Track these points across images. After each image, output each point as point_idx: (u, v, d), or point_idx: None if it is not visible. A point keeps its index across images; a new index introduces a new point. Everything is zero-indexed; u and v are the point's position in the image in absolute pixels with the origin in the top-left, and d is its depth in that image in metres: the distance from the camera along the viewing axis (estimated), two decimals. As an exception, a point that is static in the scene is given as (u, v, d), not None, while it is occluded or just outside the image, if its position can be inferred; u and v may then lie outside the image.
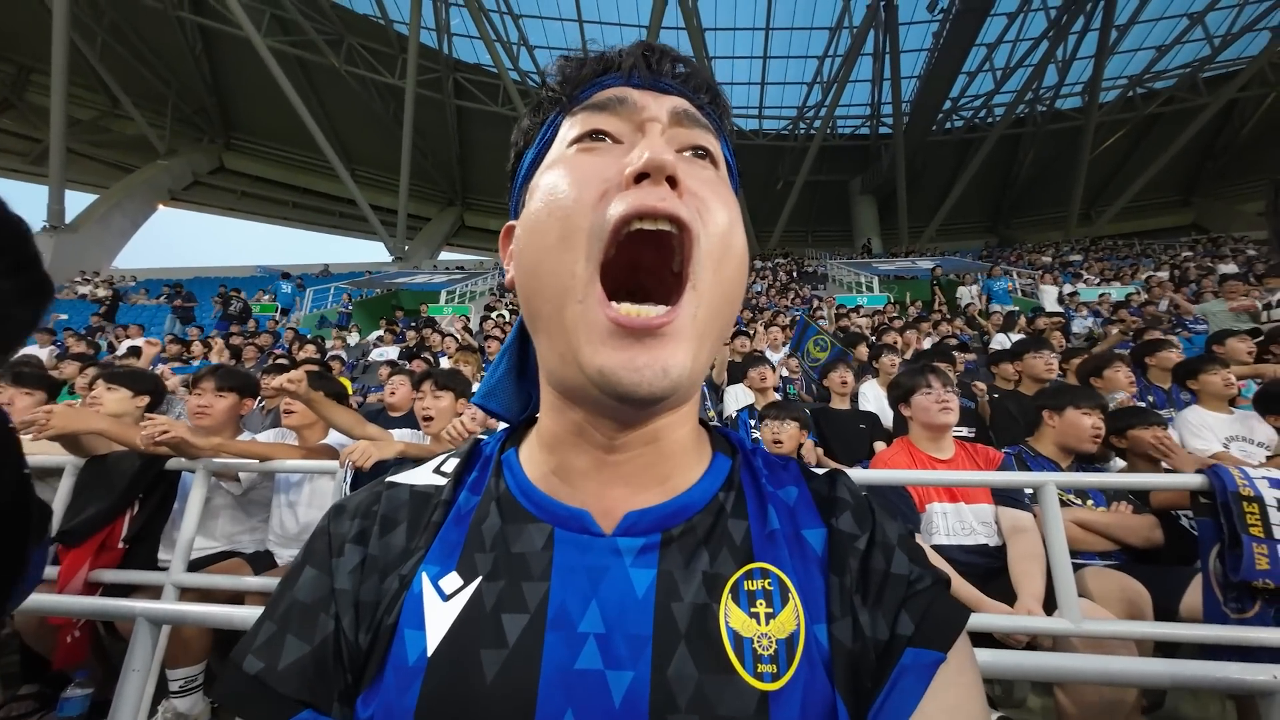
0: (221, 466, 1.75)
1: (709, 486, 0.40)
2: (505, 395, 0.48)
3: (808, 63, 22.59)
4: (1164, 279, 11.16)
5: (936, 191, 24.73)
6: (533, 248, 0.35)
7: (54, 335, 8.31)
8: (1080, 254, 17.73)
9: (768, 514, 0.39)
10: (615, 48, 0.40)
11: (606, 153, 0.36)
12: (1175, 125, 21.32)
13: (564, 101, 0.39)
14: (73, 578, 1.59)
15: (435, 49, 21.77)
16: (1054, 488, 1.33)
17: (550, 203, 0.35)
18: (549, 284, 0.34)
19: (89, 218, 20.50)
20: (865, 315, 8.56)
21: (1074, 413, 2.05)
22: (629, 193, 0.33)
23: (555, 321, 0.34)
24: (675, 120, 0.38)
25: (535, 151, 0.41)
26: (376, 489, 0.43)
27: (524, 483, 0.40)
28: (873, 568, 0.38)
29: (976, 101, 23.30)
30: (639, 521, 0.37)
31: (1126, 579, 1.52)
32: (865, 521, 0.40)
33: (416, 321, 10.24)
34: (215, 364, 2.37)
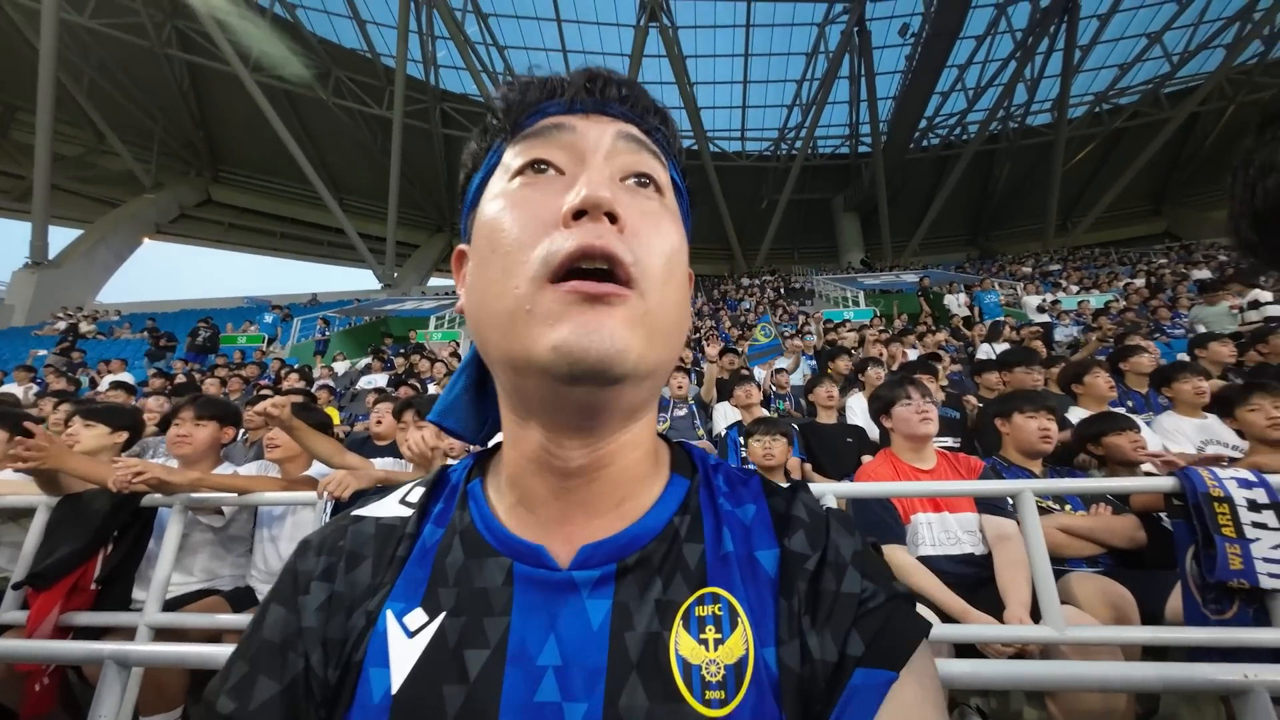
0: (199, 501, 1.72)
1: (663, 512, 0.40)
2: (462, 412, 0.48)
3: (787, 86, 23.26)
4: (1140, 286, 11.45)
5: (917, 207, 25.30)
6: (480, 282, 0.36)
7: (33, 372, 8.16)
8: (1059, 264, 18.16)
9: (722, 536, 0.39)
10: (559, 74, 0.40)
11: (548, 185, 0.36)
12: (1141, 138, 22.13)
13: (505, 130, 0.40)
14: (42, 621, 1.54)
15: (422, 80, 22.15)
16: (1031, 494, 1.34)
17: (493, 240, 0.35)
18: (496, 309, 0.34)
19: (73, 253, 20.37)
20: (851, 329, 8.64)
21: (1019, 417, 2.09)
22: (569, 232, 0.33)
23: (506, 334, 0.34)
24: (619, 146, 0.37)
25: (481, 176, 0.41)
26: (342, 523, 0.43)
27: (487, 515, 0.40)
28: (823, 589, 0.37)
29: (951, 120, 24.04)
30: (595, 554, 0.37)
31: (1110, 584, 1.53)
32: (819, 540, 0.39)
33: (405, 348, 10.20)
34: (194, 394, 2.34)
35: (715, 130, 25.05)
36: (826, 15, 19.37)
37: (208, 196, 25.89)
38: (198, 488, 1.70)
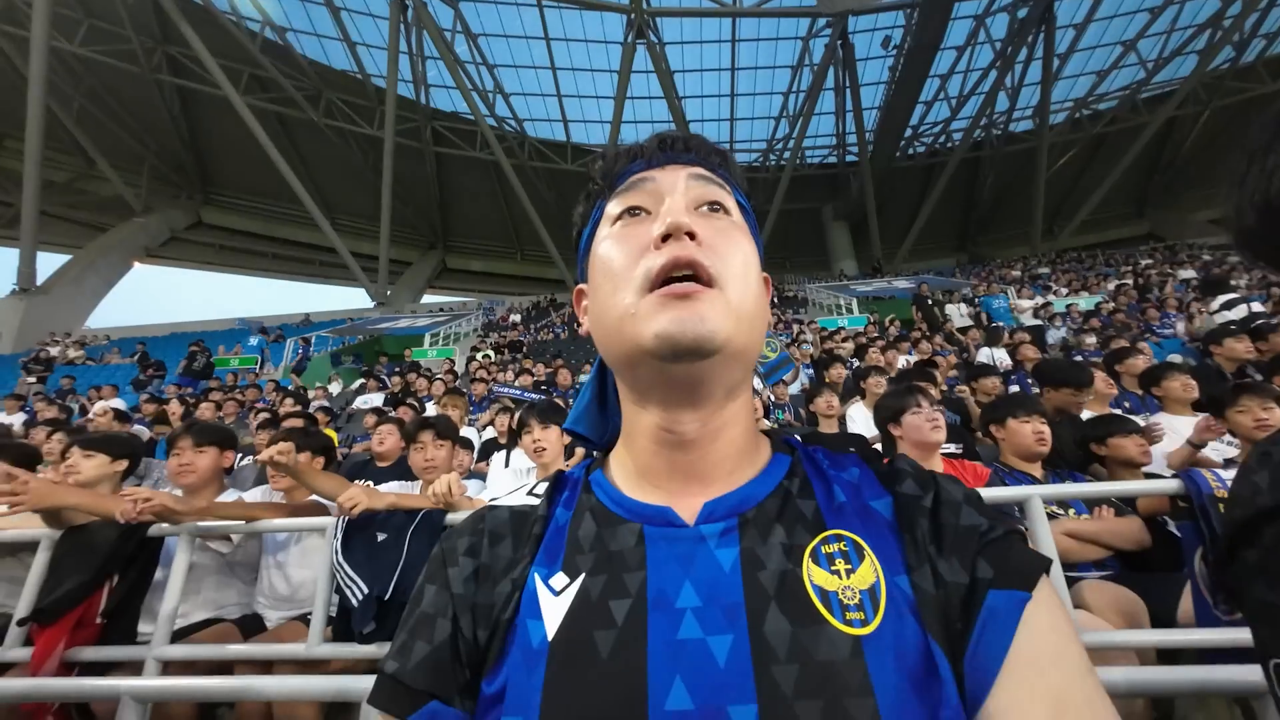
0: (207, 530, 1.70)
1: (773, 476, 0.46)
2: (591, 420, 0.57)
3: (774, 98, 23.60)
4: (1129, 287, 11.61)
5: (906, 214, 25.63)
6: (597, 303, 0.46)
7: (23, 401, 8.05)
8: (1047, 267, 18.40)
9: (833, 491, 0.45)
10: (638, 143, 0.51)
11: (640, 224, 0.46)
12: (1121, 143, 22.62)
13: (604, 190, 0.50)
14: (48, 658, 1.51)
15: (413, 100, 22.32)
16: (1039, 500, 1.36)
17: (602, 270, 0.45)
18: (610, 319, 0.43)
19: (61, 279, 20.20)
20: (847, 338, 8.70)
21: (1014, 423, 2.12)
22: (659, 251, 0.42)
23: (620, 336, 0.42)
24: (690, 183, 0.47)
25: (589, 230, 0.51)
26: (479, 512, 0.51)
27: (613, 492, 0.47)
28: (944, 522, 0.41)
29: (935, 128, 24.48)
30: (716, 509, 0.43)
31: (1122, 590, 1.53)
32: (928, 483, 0.44)
33: (400, 367, 10.15)
34: (189, 421, 2.32)
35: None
36: (810, 29, 19.73)
37: (198, 219, 25.81)
38: (205, 516, 1.68)
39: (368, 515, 1.60)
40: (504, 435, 4.30)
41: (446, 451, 2.09)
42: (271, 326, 17.85)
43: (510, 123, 23.92)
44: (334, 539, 1.58)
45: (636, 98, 21.88)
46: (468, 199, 26.92)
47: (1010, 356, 6.14)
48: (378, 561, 1.49)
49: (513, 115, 23.69)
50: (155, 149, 22.83)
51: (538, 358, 11.42)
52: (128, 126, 21.47)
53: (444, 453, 2.09)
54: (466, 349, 13.42)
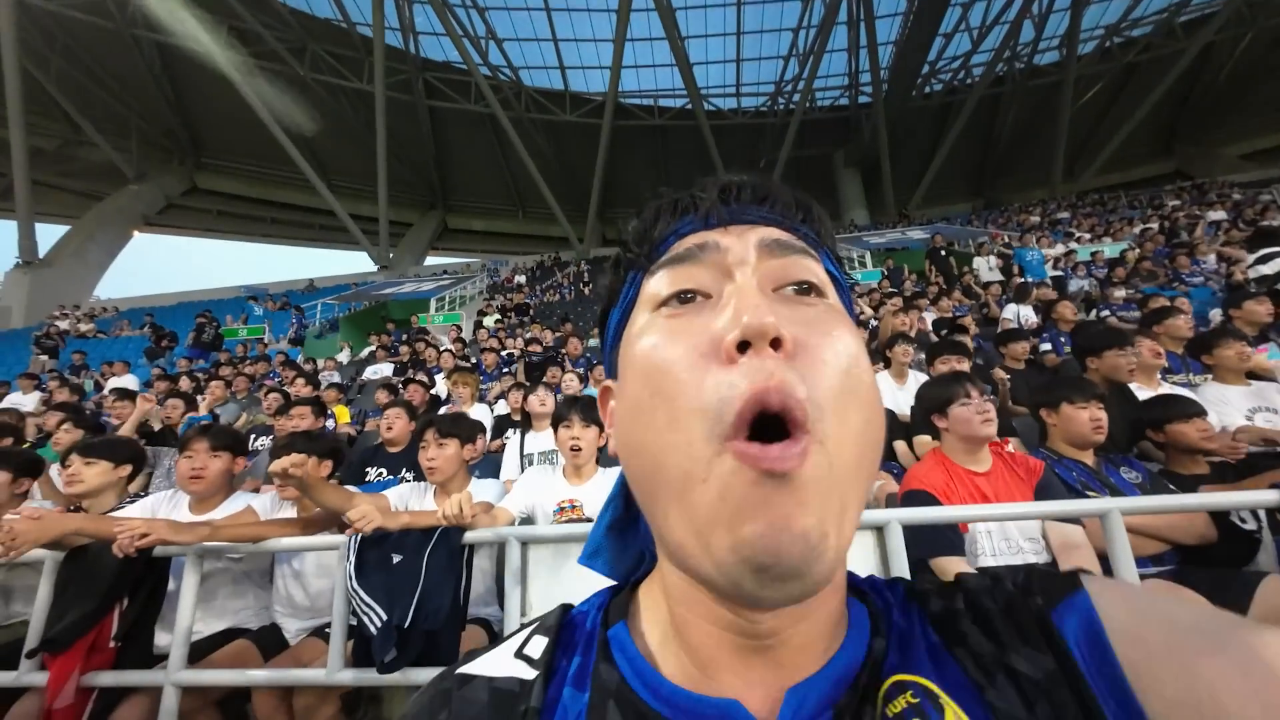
0: (214, 550, 1.63)
1: (860, 639, 0.33)
2: (610, 554, 0.43)
3: (783, 36, 22.22)
4: (1155, 232, 11.10)
5: (920, 158, 24.56)
6: (639, 429, 0.31)
7: (37, 380, 8.07)
8: (1067, 211, 17.67)
9: (902, 638, 0.34)
10: (687, 191, 0.37)
11: (698, 312, 0.32)
12: (1154, 73, 21.22)
13: (642, 259, 0.36)
14: (63, 684, 1.47)
15: (402, 49, 21.23)
16: (1119, 514, 1.23)
17: (650, 383, 0.31)
18: (670, 467, 0.29)
19: (62, 250, 20.06)
20: (860, 295, 8.41)
21: (1069, 409, 1.96)
22: (737, 372, 0.28)
23: (677, 504, 0.28)
24: (765, 253, 0.33)
25: (621, 311, 0.38)
26: (443, 686, 0.35)
27: (645, 672, 0.32)
28: (987, 611, 0.33)
29: (955, 63, 23.05)
30: (805, 699, 0.30)
31: (1189, 594, 1.43)
32: (953, 595, 0.35)
33: (409, 334, 10.05)
34: (206, 422, 2.24)
35: (709, 87, 24.11)
36: (823, -44, 18.35)
37: (193, 184, 25.28)
38: (209, 540, 1.60)
39: (381, 535, 1.51)
40: (517, 411, 4.21)
41: (452, 449, 2.00)
42: (277, 293, 17.71)
43: (505, 71, 22.79)
44: (347, 560, 1.49)
45: (637, 39, 20.68)
46: (466, 155, 26.08)
47: (1037, 314, 5.91)
48: (395, 586, 1.41)
49: (507, 63, 22.53)
50: (140, 111, 22.06)
51: (544, 321, 11.28)
52: (109, 88, 20.67)
53: (448, 451, 1.99)
54: (473, 312, 13.29)
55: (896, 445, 2.95)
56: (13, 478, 2.10)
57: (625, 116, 23.78)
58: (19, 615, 1.98)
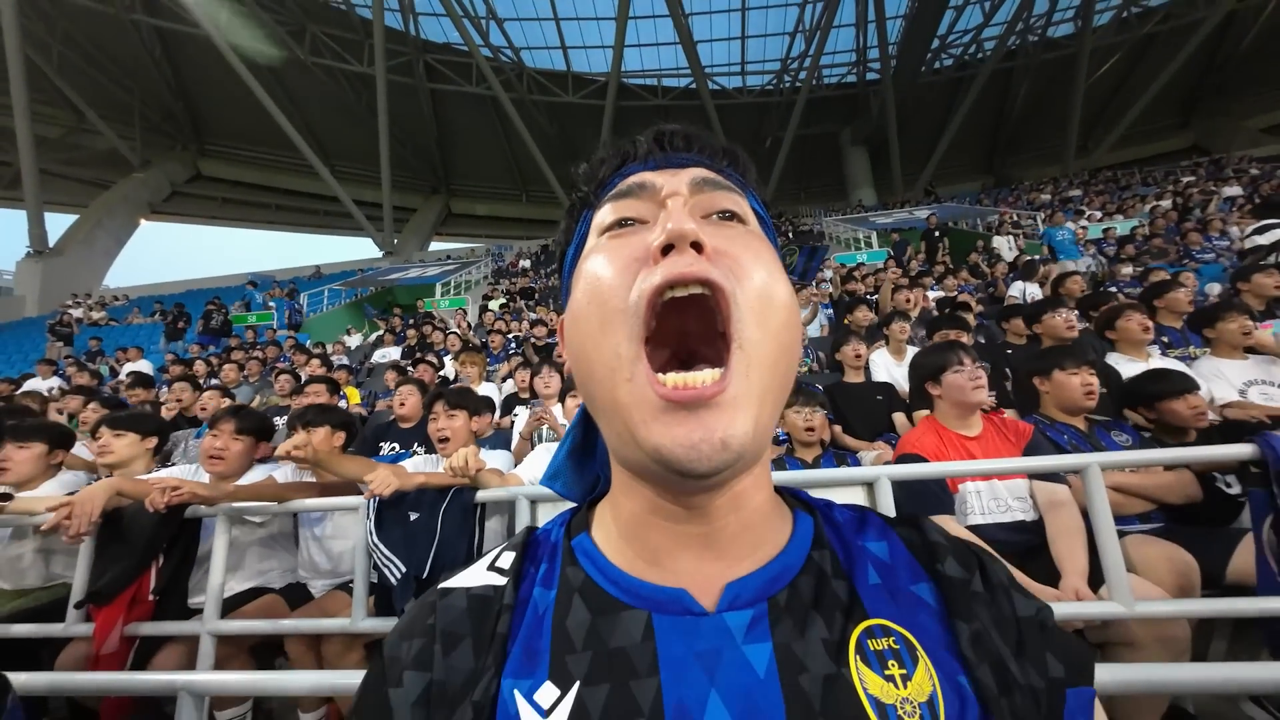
0: (241, 511, 1.73)
1: (801, 546, 0.37)
2: (568, 475, 0.48)
3: (789, 11, 21.74)
4: (1168, 208, 10.91)
5: (929, 136, 24.10)
6: (579, 335, 0.35)
7: (54, 365, 8.25)
8: (1080, 188, 17.36)
9: (866, 570, 0.37)
10: (628, 139, 0.42)
11: (634, 234, 0.36)
12: (1172, 43, 20.59)
13: (591, 198, 0.41)
14: (109, 634, 1.58)
15: (402, 31, 21.00)
16: (1098, 468, 1.29)
17: (587, 290, 0.35)
18: (598, 368, 0.33)
19: (72, 239, 20.23)
20: (866, 275, 8.38)
21: (1060, 375, 2.01)
22: (658, 266, 0.33)
23: (609, 402, 0.33)
24: (696, 189, 0.38)
25: (574, 248, 0.42)
26: (428, 599, 0.39)
27: (607, 568, 0.37)
28: (1003, 614, 0.36)
29: (966, 37, 22.49)
30: (741, 592, 0.34)
31: (1173, 548, 1.49)
32: (970, 563, 0.38)
33: (415, 318, 10.15)
34: (236, 405, 2.32)
35: (714, 65, 23.70)
36: (830, -74, 17.86)
37: (197, 171, 25.33)
38: (235, 500, 1.70)
39: (399, 495, 1.60)
40: (525, 390, 4.30)
41: (461, 421, 2.07)
42: (284, 280, 17.83)
43: (506, 52, 22.51)
44: (368, 518, 1.58)
45: (640, 17, 20.31)
46: (468, 138, 25.90)
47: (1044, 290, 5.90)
48: (413, 540, 1.51)
49: (508, 43, 22.24)
50: (142, 97, 22.03)
51: (551, 303, 11.34)
52: (110, 73, 20.63)
53: (457, 422, 2.06)
54: (478, 297, 13.35)
55: (896, 417, 3.00)
56: (49, 449, 2.21)
57: (628, 97, 23.49)
58: (59, 577, 2.10)
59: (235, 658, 1.66)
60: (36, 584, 2.07)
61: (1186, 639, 1.27)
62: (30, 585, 2.06)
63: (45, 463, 2.23)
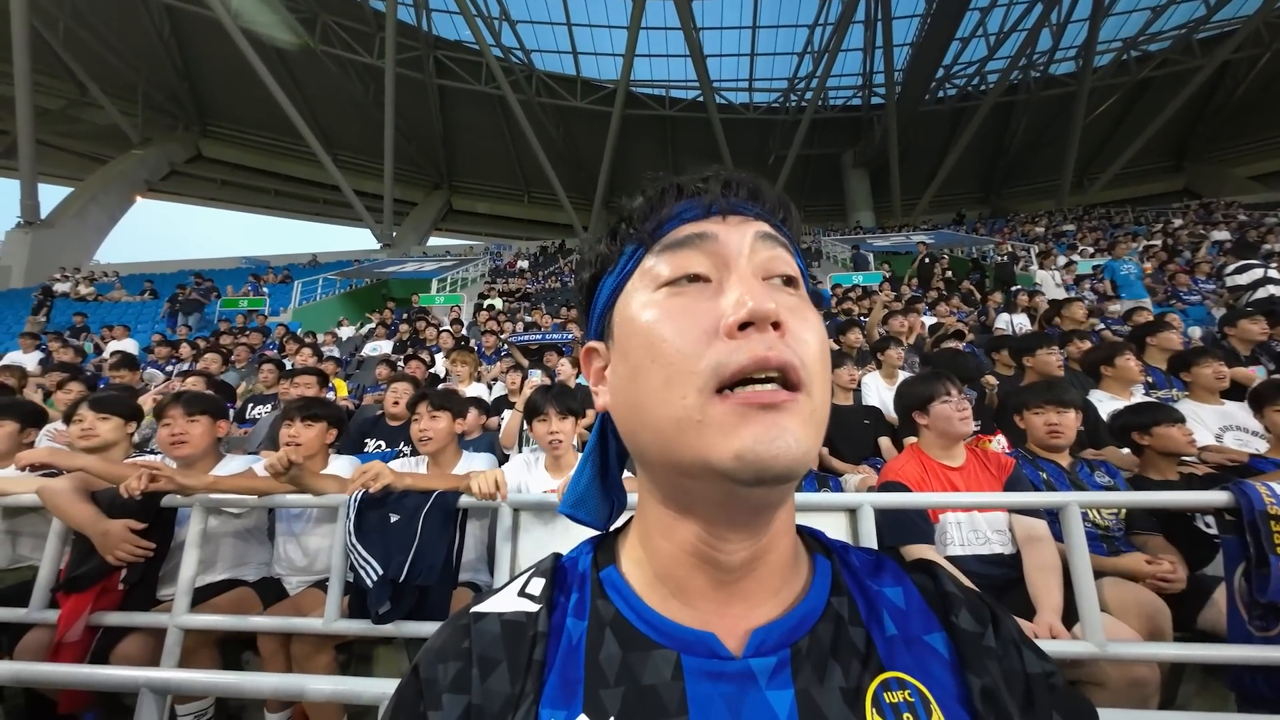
0: (218, 503, 1.70)
1: (821, 591, 0.39)
2: (593, 503, 0.48)
3: (798, 32, 22.08)
4: (1158, 249, 11.13)
5: (929, 163, 24.52)
6: (637, 390, 0.36)
7: (38, 340, 8.11)
8: (1073, 224, 17.67)
9: (882, 618, 0.39)
10: (691, 178, 0.40)
11: (699, 294, 0.36)
12: (1168, 89, 21.15)
13: (646, 239, 0.40)
14: (74, 622, 1.55)
15: (414, 26, 21.06)
16: (1076, 507, 1.30)
17: (650, 350, 0.35)
18: (662, 417, 0.34)
19: (65, 212, 19.95)
20: (861, 296, 8.47)
21: (1029, 414, 2.06)
22: (737, 343, 0.33)
23: (674, 443, 0.34)
24: (757, 246, 0.38)
25: (615, 279, 0.41)
26: (461, 623, 0.40)
27: (638, 604, 0.39)
28: (1013, 669, 0.38)
29: (970, 69, 22.95)
30: (767, 638, 0.36)
31: (1145, 592, 1.51)
32: (984, 616, 0.40)
33: (409, 313, 10.10)
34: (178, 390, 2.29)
35: (722, 80, 23.97)
36: (843, -47, 18.18)
37: (198, 152, 25.13)
38: (215, 489, 1.68)
39: (381, 495, 1.59)
40: (515, 393, 4.28)
41: (444, 422, 2.06)
42: (279, 266, 17.69)
43: (517, 54, 22.63)
44: (347, 518, 1.57)
45: (651, 28, 20.52)
46: (473, 136, 25.94)
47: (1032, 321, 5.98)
48: (391, 543, 1.49)
49: (520, 45, 22.36)
50: (147, 75, 21.87)
51: (545, 306, 11.33)
52: (116, 50, 20.47)
53: (440, 424, 2.05)
54: (473, 295, 13.31)
55: (881, 441, 3.02)
56: (20, 428, 2.17)
57: (636, 105, 23.66)
58: (25, 560, 2.05)
59: (201, 650, 1.63)
60: (2, 565, 2.03)
61: (1156, 683, 1.29)
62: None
63: (17, 441, 2.19)
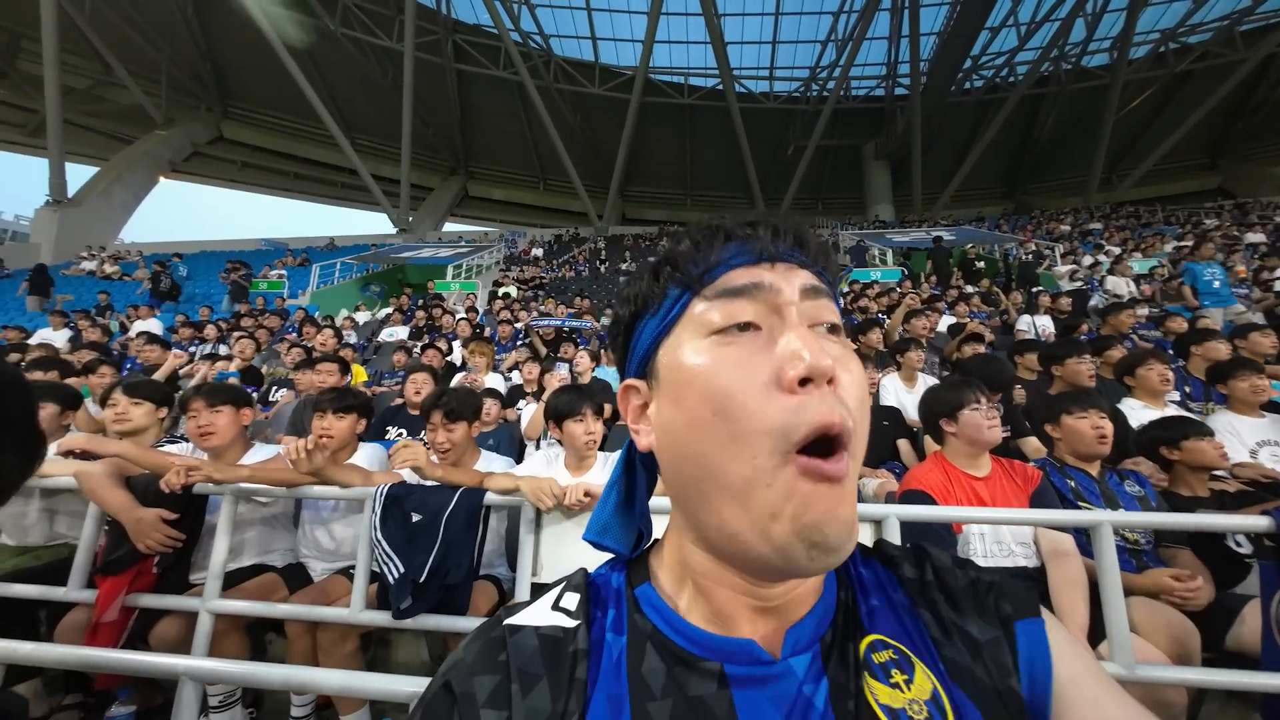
0: (249, 493, 1.74)
1: (831, 586, 0.42)
2: (617, 530, 0.48)
3: (822, 19, 21.60)
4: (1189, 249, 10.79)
5: (952, 156, 23.96)
6: (697, 442, 0.37)
7: (66, 317, 8.30)
8: (1100, 222, 17.21)
9: (868, 595, 0.43)
10: (739, 221, 0.41)
11: (750, 343, 0.37)
12: (1207, 83, 20.37)
13: (695, 284, 0.40)
14: (110, 603, 1.60)
15: (433, 9, 20.95)
16: (1109, 527, 1.28)
17: (713, 403, 0.36)
18: (732, 474, 0.35)
19: (90, 191, 20.32)
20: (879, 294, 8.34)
21: (1069, 420, 2.00)
22: (801, 402, 0.34)
23: (739, 503, 0.35)
24: (805, 294, 0.39)
25: (659, 322, 0.41)
26: (495, 634, 0.40)
27: (675, 620, 0.40)
28: (953, 587, 0.42)
29: (998, 60, 22.30)
30: (800, 638, 0.39)
31: (1173, 613, 1.48)
32: (922, 561, 0.44)
33: (425, 298, 10.16)
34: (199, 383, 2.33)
35: (742, 68, 23.57)
36: (872, -63, 17.69)
37: (219, 133, 25.39)
38: (250, 481, 1.72)
39: (404, 491, 1.61)
40: (531, 383, 4.31)
41: (461, 432, 2.05)
42: (297, 249, 17.89)
43: (535, 39, 22.43)
44: (374, 511, 1.59)
45: (672, 14, 20.20)
46: (490, 122, 25.86)
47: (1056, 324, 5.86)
48: (413, 543, 1.51)
49: (538, 30, 22.15)
50: (170, 55, 22.08)
51: (559, 296, 11.34)
52: (141, 30, 20.67)
53: (458, 434, 2.04)
54: (488, 282, 13.35)
55: (900, 444, 2.99)
56: (60, 410, 2.23)
57: (654, 93, 23.39)
58: (63, 537, 2.12)
59: (230, 634, 1.67)
60: (39, 542, 2.10)
61: (1183, 705, 1.27)
62: (33, 543, 2.09)
63: (57, 423, 2.26)
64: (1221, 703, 1.77)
